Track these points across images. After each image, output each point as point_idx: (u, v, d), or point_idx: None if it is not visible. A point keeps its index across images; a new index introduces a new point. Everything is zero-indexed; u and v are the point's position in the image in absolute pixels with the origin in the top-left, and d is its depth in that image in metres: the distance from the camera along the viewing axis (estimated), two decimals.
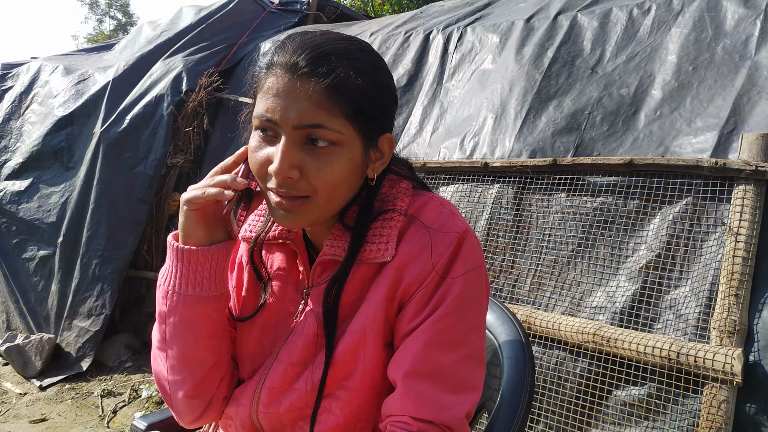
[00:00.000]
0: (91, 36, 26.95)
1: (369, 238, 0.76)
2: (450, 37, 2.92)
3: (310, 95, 0.66)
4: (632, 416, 1.62)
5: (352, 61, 0.69)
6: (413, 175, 0.85)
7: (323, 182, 0.69)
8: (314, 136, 0.68)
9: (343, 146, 0.70)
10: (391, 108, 0.77)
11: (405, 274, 0.74)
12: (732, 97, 1.88)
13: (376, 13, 8.26)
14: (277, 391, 0.79)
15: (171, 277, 0.77)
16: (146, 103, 3.67)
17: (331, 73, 0.67)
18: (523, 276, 2.01)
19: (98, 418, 2.80)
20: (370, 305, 0.75)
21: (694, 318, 1.62)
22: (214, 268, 0.77)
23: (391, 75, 0.78)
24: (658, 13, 2.25)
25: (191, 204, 0.74)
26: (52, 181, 3.80)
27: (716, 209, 1.71)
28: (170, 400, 0.83)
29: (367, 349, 0.75)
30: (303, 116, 0.67)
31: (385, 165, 0.78)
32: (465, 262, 0.74)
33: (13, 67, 4.83)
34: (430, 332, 0.72)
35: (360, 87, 0.69)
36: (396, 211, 0.77)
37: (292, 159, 0.68)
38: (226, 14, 4.36)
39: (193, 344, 0.79)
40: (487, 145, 2.34)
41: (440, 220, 0.76)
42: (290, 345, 0.79)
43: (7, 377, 3.27)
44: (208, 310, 0.78)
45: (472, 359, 0.74)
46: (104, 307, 3.34)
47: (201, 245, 0.76)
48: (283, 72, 0.68)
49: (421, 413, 0.69)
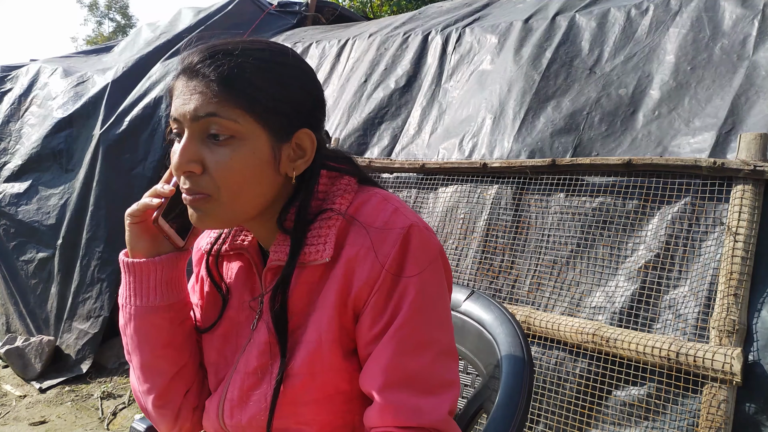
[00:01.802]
0: (90, 38, 26.97)
1: (308, 239, 0.73)
2: (448, 38, 2.92)
3: (202, 90, 0.68)
4: (632, 416, 1.62)
5: (245, 57, 0.69)
6: (356, 170, 0.81)
7: (223, 176, 0.69)
8: (213, 131, 0.68)
9: (243, 139, 0.69)
10: (303, 103, 0.74)
11: (354, 278, 0.71)
12: (730, 96, 1.88)
13: (375, 14, 8.26)
14: (236, 402, 0.78)
15: (124, 290, 0.80)
16: (145, 104, 3.67)
17: (220, 67, 0.68)
18: (522, 276, 2.01)
19: (98, 420, 2.80)
20: (323, 312, 0.72)
21: (693, 318, 1.62)
22: (160, 279, 0.78)
23: (304, 72, 0.75)
24: (656, 13, 2.26)
25: (132, 217, 0.77)
26: (52, 183, 3.80)
27: (715, 209, 1.71)
28: (145, 410, 0.86)
29: (324, 359, 0.72)
30: (197, 108, 0.68)
31: (308, 163, 0.75)
32: (417, 259, 0.71)
33: (12, 69, 4.83)
34: (395, 339, 0.70)
35: (251, 81, 0.69)
36: (334, 210, 0.74)
37: (189, 153, 0.69)
38: (225, 16, 4.37)
39: (149, 354, 0.81)
40: (485, 146, 2.34)
41: (382, 218, 0.72)
42: (246, 355, 0.79)
43: (6, 379, 3.27)
44: (158, 320, 0.80)
45: (443, 356, 0.72)
46: (103, 309, 3.34)
47: (146, 257, 0.78)
48: (182, 74, 0.71)
49: (403, 421, 0.68)
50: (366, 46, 3.36)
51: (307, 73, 0.76)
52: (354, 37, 3.52)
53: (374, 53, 3.23)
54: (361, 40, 3.45)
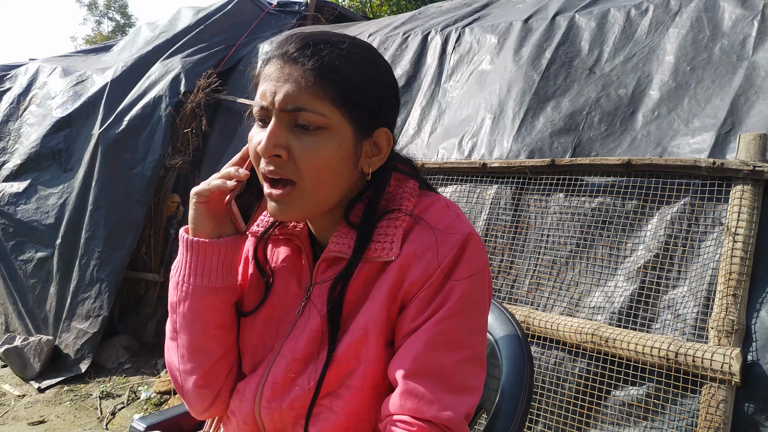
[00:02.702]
0: (89, 37, 26.94)
1: (374, 236, 0.76)
2: (448, 38, 2.92)
3: (296, 78, 0.70)
4: (631, 416, 1.62)
5: (340, 50, 0.71)
6: (418, 176, 0.85)
7: (308, 164, 0.71)
8: (301, 121, 0.70)
9: (331, 131, 0.71)
10: (386, 101, 0.77)
11: (408, 273, 0.74)
12: (729, 97, 1.88)
13: (375, 14, 8.26)
14: (280, 386, 0.79)
15: (181, 268, 0.80)
16: (144, 104, 3.66)
17: (316, 57, 0.69)
18: (521, 276, 2.01)
19: (97, 420, 2.79)
20: (373, 304, 0.75)
21: (692, 318, 1.62)
22: (222, 260, 0.79)
23: (389, 71, 0.78)
24: (655, 13, 2.26)
25: (199, 197, 0.77)
26: (51, 182, 3.80)
27: (714, 209, 1.71)
28: (182, 390, 0.85)
29: (370, 347, 0.75)
30: (288, 98, 0.70)
31: (383, 161, 0.78)
32: (469, 264, 0.74)
33: (11, 68, 4.83)
34: (431, 333, 0.72)
35: (346, 73, 0.71)
36: (402, 210, 0.77)
37: (277, 138, 0.71)
38: (224, 15, 4.36)
39: (201, 334, 0.81)
40: (485, 146, 2.34)
41: (445, 222, 0.76)
42: (293, 341, 0.80)
43: (5, 379, 3.26)
44: (215, 302, 0.80)
45: (473, 361, 0.74)
46: (102, 309, 3.34)
47: (210, 237, 0.79)
48: (275, 59, 0.72)
49: (421, 413, 0.69)
50: None
51: (391, 72, 0.79)
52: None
53: None
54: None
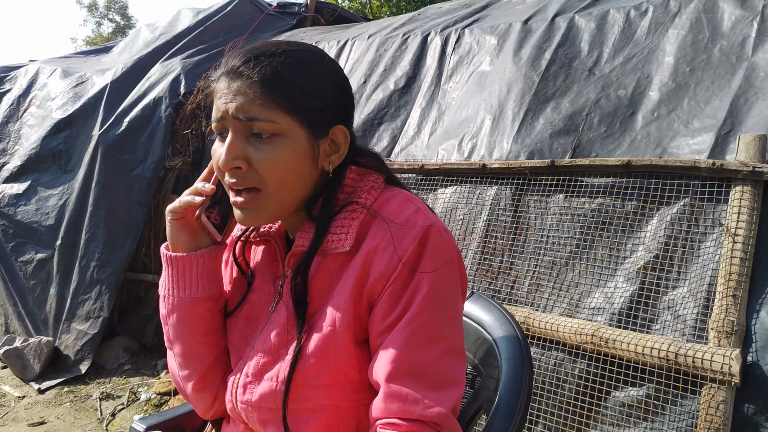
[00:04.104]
0: (89, 38, 26.97)
1: (331, 229, 0.78)
2: (448, 39, 2.92)
3: (244, 91, 0.72)
4: (630, 417, 1.62)
5: (284, 58, 0.74)
6: (384, 169, 0.86)
7: (268, 170, 0.73)
8: (255, 130, 0.73)
9: (285, 136, 0.74)
10: (337, 100, 0.79)
11: (371, 270, 0.75)
12: (729, 98, 1.88)
13: (374, 15, 8.27)
14: (251, 380, 0.81)
15: (166, 282, 0.85)
16: (144, 105, 3.67)
17: (259, 69, 0.72)
18: (521, 277, 2.01)
19: (97, 421, 2.79)
20: (339, 300, 0.76)
21: (692, 319, 1.62)
22: (201, 271, 0.84)
23: (338, 70, 0.81)
24: (655, 14, 2.26)
25: (173, 213, 0.82)
26: (51, 183, 3.80)
27: (714, 210, 1.71)
28: (184, 394, 0.90)
29: (338, 345, 0.75)
30: (239, 109, 0.72)
31: (342, 157, 0.81)
32: (434, 256, 0.74)
33: (11, 69, 4.83)
34: (405, 332, 0.72)
35: (291, 80, 0.73)
36: (359, 204, 0.78)
37: (235, 151, 0.73)
38: (224, 17, 4.37)
39: (192, 342, 0.86)
40: (485, 147, 2.34)
41: (404, 215, 0.76)
42: (264, 334, 0.82)
43: (5, 380, 3.26)
44: (200, 310, 0.85)
45: (452, 354, 0.74)
46: (102, 310, 3.34)
47: (187, 251, 0.83)
48: (224, 77, 0.75)
49: (408, 413, 0.70)
50: (365, 47, 3.37)
51: (338, 70, 0.81)
52: (353, 38, 3.53)
53: (373, 54, 3.24)
54: (360, 41, 3.45)
